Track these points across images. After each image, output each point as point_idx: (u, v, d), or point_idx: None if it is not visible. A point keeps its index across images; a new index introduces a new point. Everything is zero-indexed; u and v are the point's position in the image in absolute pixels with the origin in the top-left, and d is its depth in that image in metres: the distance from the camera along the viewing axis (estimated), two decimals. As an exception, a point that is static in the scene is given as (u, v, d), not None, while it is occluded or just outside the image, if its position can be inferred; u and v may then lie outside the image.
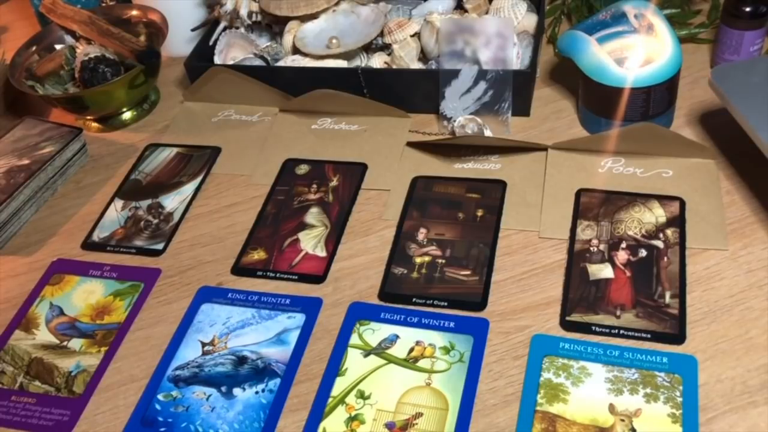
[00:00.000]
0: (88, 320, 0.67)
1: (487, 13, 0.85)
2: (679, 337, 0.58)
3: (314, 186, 0.76)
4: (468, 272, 0.65)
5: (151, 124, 0.91)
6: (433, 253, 0.67)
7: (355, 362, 0.60)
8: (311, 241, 0.71)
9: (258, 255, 0.71)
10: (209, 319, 0.65)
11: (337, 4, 0.88)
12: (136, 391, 0.61)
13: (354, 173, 0.77)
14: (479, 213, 0.70)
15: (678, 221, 0.66)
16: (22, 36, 1.03)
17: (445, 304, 0.63)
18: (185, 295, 0.68)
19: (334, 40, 0.85)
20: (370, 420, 0.56)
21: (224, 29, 0.92)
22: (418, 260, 0.67)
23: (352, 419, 0.56)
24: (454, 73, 0.78)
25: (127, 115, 0.91)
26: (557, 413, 0.54)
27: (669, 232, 0.65)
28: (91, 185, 0.83)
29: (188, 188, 0.79)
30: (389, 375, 0.58)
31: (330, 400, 0.57)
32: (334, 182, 0.76)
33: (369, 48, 0.87)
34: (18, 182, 0.78)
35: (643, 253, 0.64)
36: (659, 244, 0.64)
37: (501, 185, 0.72)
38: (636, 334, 0.58)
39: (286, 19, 0.89)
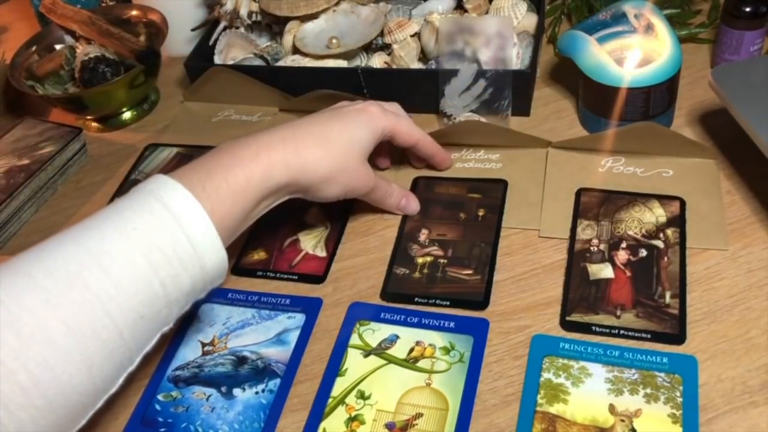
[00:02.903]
0: (88, 320, 0.67)
1: (487, 13, 0.85)
2: (679, 337, 0.58)
3: (314, 186, 0.76)
4: (470, 272, 0.65)
5: (151, 124, 0.91)
6: (435, 253, 0.67)
7: (355, 362, 0.60)
8: (311, 241, 0.71)
9: (258, 255, 0.71)
10: (209, 319, 0.65)
11: (337, 4, 0.88)
12: (136, 391, 0.61)
13: (354, 173, 0.77)
14: (480, 213, 0.70)
15: (678, 221, 0.66)
16: (22, 36, 1.02)
17: (448, 303, 0.63)
18: (185, 295, 0.68)
19: (334, 40, 0.85)
20: (370, 420, 0.56)
21: (224, 29, 0.91)
22: (420, 260, 0.67)
23: (352, 419, 0.56)
24: (454, 72, 0.78)
25: (127, 115, 0.91)
26: (557, 413, 0.54)
27: (669, 232, 0.65)
28: (91, 185, 0.83)
29: (188, 188, 0.79)
30: (389, 375, 0.58)
31: (330, 400, 0.57)
32: (334, 182, 0.76)
33: (369, 48, 0.87)
34: (18, 182, 0.78)
35: (643, 253, 0.64)
36: (659, 244, 0.64)
37: (502, 185, 0.72)
38: (636, 334, 0.58)
39: (286, 19, 0.89)
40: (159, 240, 0.50)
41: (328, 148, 0.61)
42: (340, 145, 0.62)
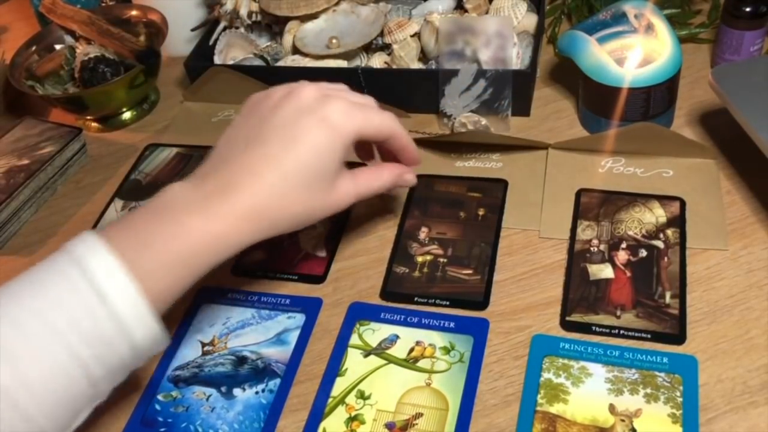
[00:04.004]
0: (88, 320, 0.67)
1: (487, 13, 0.85)
2: (679, 338, 0.58)
3: (314, 186, 0.76)
4: (470, 271, 0.65)
5: (151, 124, 0.91)
6: (435, 252, 0.67)
7: (355, 362, 0.60)
8: (311, 241, 0.71)
9: (258, 255, 0.70)
10: (209, 319, 0.65)
11: (337, 4, 0.88)
12: (136, 391, 0.61)
13: (354, 173, 0.77)
14: (480, 212, 0.70)
15: (678, 221, 0.66)
16: (22, 36, 1.02)
17: (447, 303, 0.63)
18: (185, 296, 0.67)
19: (334, 40, 0.85)
20: (370, 420, 0.56)
21: (224, 29, 0.92)
22: (419, 259, 0.67)
23: (352, 419, 0.56)
24: (454, 72, 0.78)
25: (126, 115, 0.91)
26: (557, 413, 0.54)
27: (669, 232, 0.65)
28: (91, 185, 0.83)
29: (188, 188, 0.79)
30: (389, 375, 0.58)
31: (330, 400, 0.57)
32: (334, 182, 0.76)
33: (369, 48, 0.87)
34: (18, 182, 0.78)
35: (643, 253, 0.64)
36: (659, 244, 0.64)
37: (503, 184, 0.72)
38: (636, 335, 0.58)
39: (286, 19, 0.89)
40: (80, 319, 0.45)
41: (292, 199, 0.53)
42: (305, 185, 0.53)
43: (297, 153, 0.52)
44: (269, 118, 0.55)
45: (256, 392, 0.59)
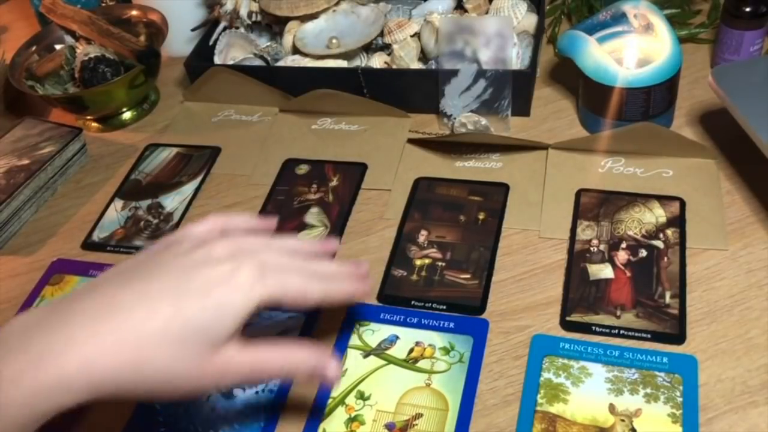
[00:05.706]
0: (88, 320, 0.67)
1: (487, 13, 0.85)
2: (679, 337, 0.58)
3: (314, 186, 0.76)
4: (468, 276, 0.65)
5: (151, 124, 0.91)
6: (434, 255, 0.67)
7: (354, 363, 0.60)
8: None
9: (258, 255, 0.70)
10: (209, 320, 0.65)
11: (337, 4, 0.88)
12: (136, 391, 0.61)
13: (354, 173, 0.77)
14: (481, 216, 0.70)
15: (678, 221, 0.66)
16: (22, 36, 1.03)
17: (444, 307, 0.63)
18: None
19: (334, 40, 0.85)
20: (370, 421, 0.56)
21: (224, 29, 0.92)
22: (418, 263, 0.67)
23: (352, 420, 0.56)
24: (454, 72, 0.78)
25: (127, 115, 0.91)
26: (557, 413, 0.54)
27: (669, 232, 0.65)
28: (91, 185, 0.83)
29: (188, 188, 0.79)
30: (389, 376, 0.58)
31: (330, 400, 0.57)
32: (334, 182, 0.76)
33: (369, 48, 0.87)
34: (18, 182, 0.78)
35: (643, 253, 0.64)
36: (659, 244, 0.64)
37: (504, 188, 0.72)
38: (636, 334, 0.58)
39: (286, 19, 0.89)
40: None
41: (154, 353, 0.41)
42: (179, 340, 0.42)
43: (184, 300, 0.43)
44: (169, 260, 0.46)
45: (256, 392, 0.59)
